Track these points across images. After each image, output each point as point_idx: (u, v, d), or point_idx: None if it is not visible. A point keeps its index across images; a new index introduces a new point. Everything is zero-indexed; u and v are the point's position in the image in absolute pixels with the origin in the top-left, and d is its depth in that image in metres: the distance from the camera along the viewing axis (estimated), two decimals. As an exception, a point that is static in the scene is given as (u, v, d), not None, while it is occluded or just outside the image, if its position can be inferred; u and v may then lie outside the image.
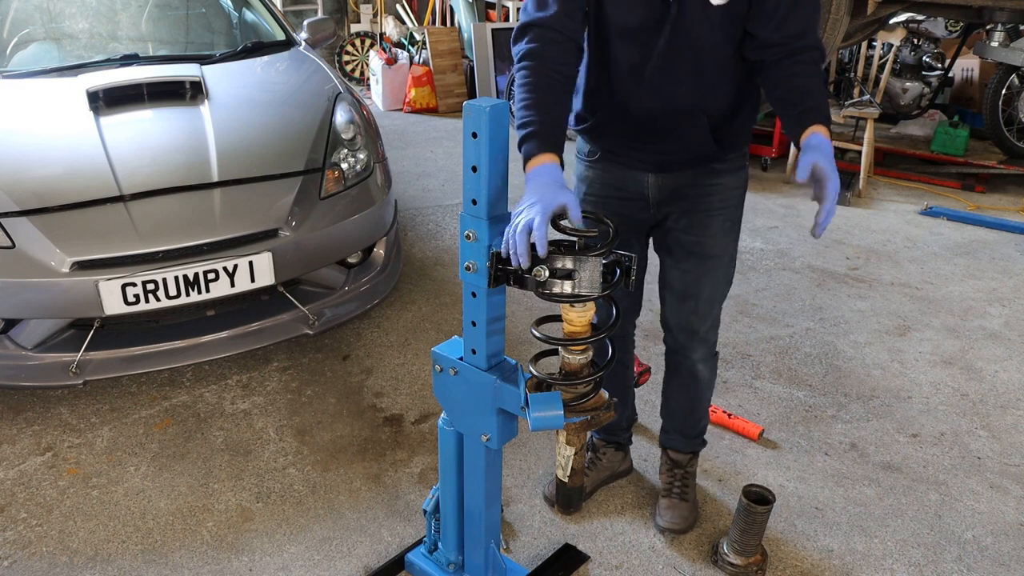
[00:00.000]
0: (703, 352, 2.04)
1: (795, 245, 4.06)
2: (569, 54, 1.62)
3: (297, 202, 2.63)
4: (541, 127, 1.51)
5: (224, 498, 2.23)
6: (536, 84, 1.56)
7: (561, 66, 1.59)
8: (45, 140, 2.67)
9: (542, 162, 1.48)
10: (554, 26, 1.58)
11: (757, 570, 1.99)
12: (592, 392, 1.48)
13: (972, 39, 5.64)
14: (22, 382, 2.45)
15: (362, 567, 2.01)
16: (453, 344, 1.65)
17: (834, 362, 2.99)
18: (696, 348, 2.02)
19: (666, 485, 2.21)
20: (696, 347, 2.02)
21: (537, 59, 1.58)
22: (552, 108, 1.56)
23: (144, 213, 2.45)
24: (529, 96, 1.55)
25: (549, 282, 1.34)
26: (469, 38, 6.83)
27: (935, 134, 5.46)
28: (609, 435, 2.30)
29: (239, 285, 2.47)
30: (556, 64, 1.58)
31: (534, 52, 1.58)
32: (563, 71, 1.60)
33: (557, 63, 1.59)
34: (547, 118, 1.53)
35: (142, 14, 3.61)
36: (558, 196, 1.37)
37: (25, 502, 2.20)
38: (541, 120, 1.52)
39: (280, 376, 2.80)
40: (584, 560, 2.03)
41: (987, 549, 2.12)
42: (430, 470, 2.35)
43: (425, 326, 3.16)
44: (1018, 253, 4.07)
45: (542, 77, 1.57)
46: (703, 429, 2.22)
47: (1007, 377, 2.93)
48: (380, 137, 3.15)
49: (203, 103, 2.86)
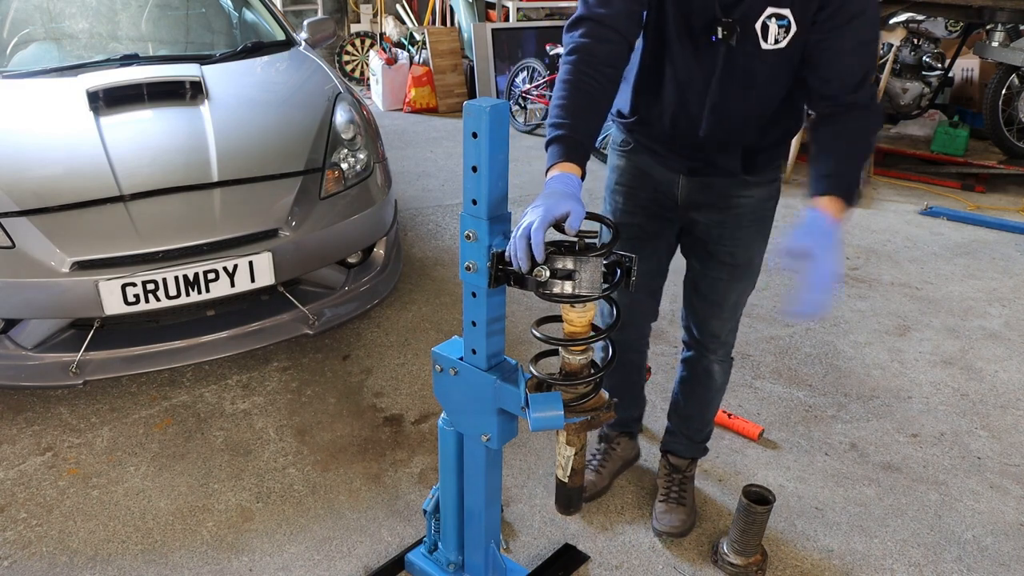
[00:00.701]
0: (722, 353, 2.05)
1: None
2: (620, 56, 1.55)
3: (297, 202, 2.63)
4: (571, 133, 1.47)
5: (224, 498, 2.23)
6: (578, 85, 1.50)
7: (608, 68, 1.53)
8: (45, 140, 2.67)
9: (563, 170, 1.45)
10: (611, 24, 1.52)
11: (757, 570, 1.99)
12: (592, 392, 1.48)
13: (972, 39, 5.64)
14: (22, 382, 2.44)
15: (362, 567, 2.01)
16: (453, 344, 1.64)
17: (834, 362, 2.99)
18: (716, 349, 2.03)
19: (664, 489, 2.20)
20: (716, 348, 2.03)
21: (586, 55, 1.51)
22: (587, 115, 1.50)
23: (144, 213, 2.45)
24: (568, 97, 1.50)
25: (549, 282, 1.34)
26: (469, 38, 6.83)
27: (935, 134, 5.46)
28: (623, 427, 2.32)
29: (239, 285, 2.47)
30: (604, 65, 1.52)
31: (585, 48, 1.52)
32: (609, 73, 1.53)
33: (605, 63, 1.52)
34: (579, 124, 1.48)
35: (142, 14, 3.61)
36: (563, 204, 1.36)
37: (25, 502, 2.20)
38: (573, 126, 1.48)
39: (280, 376, 2.80)
40: (584, 560, 2.03)
41: (987, 549, 2.12)
42: (430, 470, 2.35)
43: (425, 326, 3.16)
44: (1018, 253, 4.07)
45: (586, 78, 1.50)
46: (708, 435, 2.22)
47: (1007, 377, 2.93)
48: (380, 137, 3.15)
49: (203, 103, 2.86)
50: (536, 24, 7.02)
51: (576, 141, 1.48)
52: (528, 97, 6.09)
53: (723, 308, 1.95)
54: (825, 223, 1.46)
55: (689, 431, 2.18)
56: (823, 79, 1.55)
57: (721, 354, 2.05)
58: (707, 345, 2.02)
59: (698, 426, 2.18)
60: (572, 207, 1.36)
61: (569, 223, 1.35)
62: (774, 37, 1.53)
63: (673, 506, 2.16)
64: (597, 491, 2.23)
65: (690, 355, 2.09)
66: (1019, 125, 5.37)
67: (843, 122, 1.55)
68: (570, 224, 1.35)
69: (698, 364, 2.07)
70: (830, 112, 1.57)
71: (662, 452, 2.26)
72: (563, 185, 1.42)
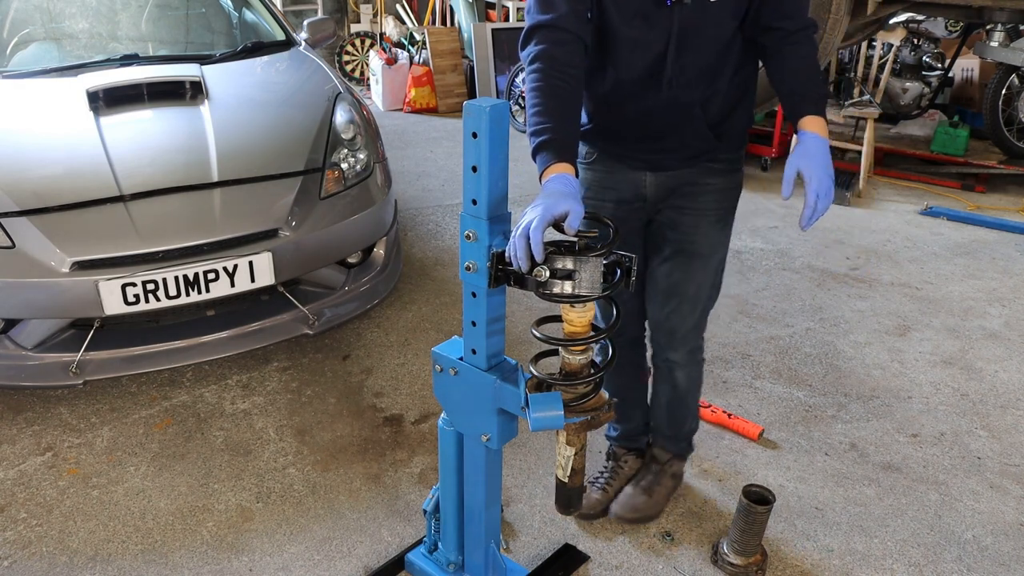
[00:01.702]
0: (682, 355, 2.01)
1: (795, 245, 4.06)
2: (578, 54, 1.60)
3: (297, 202, 2.63)
4: (555, 135, 1.51)
5: (224, 498, 2.23)
6: (548, 90, 1.55)
7: (571, 68, 1.57)
8: (45, 140, 2.67)
9: (557, 171, 1.47)
10: (562, 25, 1.57)
11: (757, 570, 1.99)
12: (592, 392, 1.48)
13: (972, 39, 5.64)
14: (22, 382, 2.45)
15: (362, 567, 2.01)
16: (453, 344, 1.64)
17: (834, 362, 2.99)
18: (675, 349, 2.00)
19: (639, 474, 2.21)
20: (675, 348, 2.00)
21: (548, 60, 1.56)
22: (565, 115, 1.55)
23: (144, 213, 2.45)
24: (542, 102, 1.54)
25: (549, 282, 1.34)
26: (469, 38, 6.83)
27: (935, 134, 5.46)
28: (630, 442, 2.28)
29: (239, 285, 2.47)
30: (566, 66, 1.57)
31: (544, 54, 1.57)
32: (573, 73, 1.58)
33: (567, 64, 1.57)
34: (560, 125, 1.52)
35: (142, 14, 3.61)
36: (562, 204, 1.37)
37: (25, 502, 2.20)
38: (555, 128, 1.51)
39: (280, 376, 2.80)
40: (584, 560, 2.03)
41: (987, 549, 2.12)
42: (430, 470, 2.35)
43: (425, 326, 3.16)
44: (1018, 253, 4.07)
45: (554, 80, 1.55)
46: (688, 433, 2.21)
47: (1007, 377, 2.93)
48: (380, 137, 3.15)
49: (203, 103, 2.86)
50: (536, 24, 7.01)
51: (563, 142, 1.51)
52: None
53: (681, 300, 1.93)
54: (815, 143, 1.62)
55: (662, 427, 2.18)
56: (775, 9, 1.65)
57: (682, 356, 2.02)
58: (667, 346, 2.00)
59: (672, 425, 2.17)
60: (571, 206, 1.36)
61: (568, 222, 1.36)
62: None
63: (638, 492, 2.15)
64: (602, 510, 2.17)
65: (655, 359, 2.08)
66: (1019, 125, 5.37)
67: (796, 50, 1.67)
68: (569, 223, 1.36)
69: (661, 370, 2.07)
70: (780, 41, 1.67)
71: (647, 443, 2.26)
72: (561, 185, 1.43)
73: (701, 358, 2.08)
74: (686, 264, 1.90)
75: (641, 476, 2.20)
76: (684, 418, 2.17)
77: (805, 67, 1.68)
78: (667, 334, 1.99)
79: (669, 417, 2.16)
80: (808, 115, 1.65)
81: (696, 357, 2.06)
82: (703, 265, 1.91)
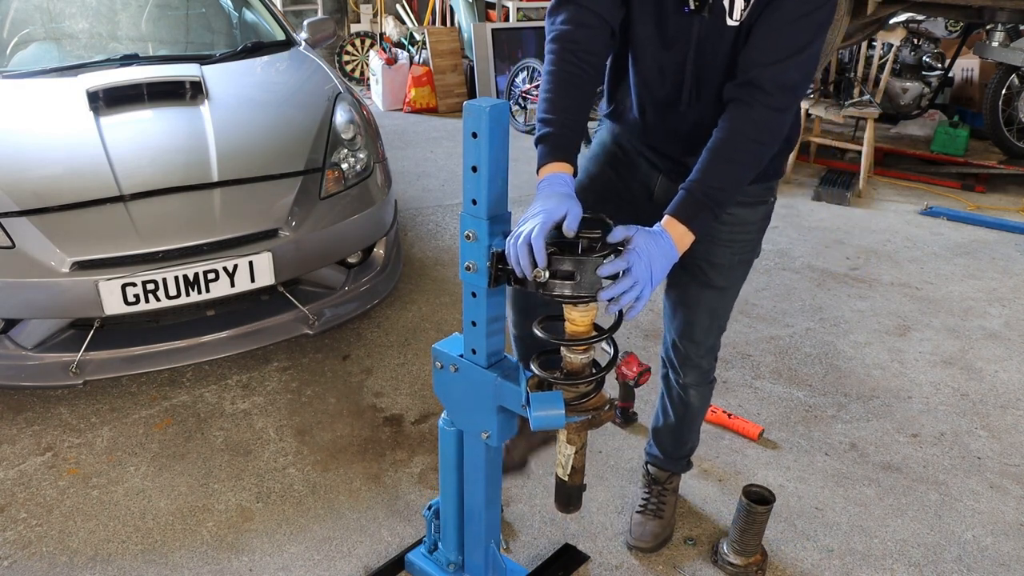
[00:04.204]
0: (695, 377, 1.93)
1: (795, 245, 4.06)
2: (601, 42, 1.51)
3: (297, 202, 2.63)
4: (558, 129, 1.46)
5: (224, 498, 2.23)
6: (562, 77, 1.48)
7: (590, 55, 1.49)
8: (45, 140, 2.67)
9: (553, 171, 1.44)
10: (593, 7, 1.48)
11: (757, 570, 1.99)
12: (593, 391, 1.48)
13: (972, 39, 5.64)
14: (22, 382, 2.45)
15: (362, 567, 2.01)
16: (453, 341, 1.64)
17: (834, 362, 2.99)
18: (688, 372, 1.93)
19: (642, 500, 2.14)
20: (688, 371, 1.93)
21: (568, 42, 1.48)
22: (572, 108, 1.48)
23: (144, 213, 2.45)
24: (553, 90, 1.48)
25: (550, 283, 1.34)
26: (469, 38, 6.83)
27: (935, 134, 5.46)
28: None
29: (239, 285, 2.47)
30: (586, 52, 1.48)
31: (567, 35, 1.48)
32: (592, 61, 1.49)
33: (587, 51, 1.48)
34: (566, 120, 1.47)
35: (142, 14, 3.61)
36: (560, 207, 1.35)
37: (25, 502, 2.20)
38: (560, 122, 1.46)
39: (280, 376, 2.80)
40: (584, 560, 2.03)
41: (987, 549, 2.12)
42: (430, 470, 2.35)
43: (425, 326, 3.16)
44: (1018, 253, 4.07)
45: (570, 67, 1.48)
46: (688, 452, 2.15)
47: (1007, 377, 2.93)
48: (380, 137, 3.15)
49: (203, 103, 2.86)
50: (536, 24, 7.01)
51: (564, 138, 1.47)
52: (528, 97, 6.09)
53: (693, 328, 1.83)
54: (660, 244, 1.38)
55: (666, 447, 2.12)
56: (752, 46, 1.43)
57: (695, 378, 1.93)
58: (680, 366, 1.92)
59: (676, 444, 2.11)
60: (569, 208, 1.36)
61: (567, 224, 1.35)
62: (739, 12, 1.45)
63: (649, 518, 2.10)
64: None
65: (666, 374, 2.00)
66: (1019, 125, 5.37)
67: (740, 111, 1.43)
68: (568, 225, 1.35)
69: (672, 387, 1.99)
70: (734, 89, 1.45)
71: (644, 462, 2.21)
72: (557, 186, 1.42)
73: (712, 379, 2.00)
74: (699, 294, 1.80)
75: (646, 501, 2.13)
76: (689, 438, 2.11)
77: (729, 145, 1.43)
78: (680, 356, 1.90)
79: (675, 438, 2.09)
80: (676, 218, 1.42)
81: (708, 378, 1.98)
82: (717, 298, 1.82)
